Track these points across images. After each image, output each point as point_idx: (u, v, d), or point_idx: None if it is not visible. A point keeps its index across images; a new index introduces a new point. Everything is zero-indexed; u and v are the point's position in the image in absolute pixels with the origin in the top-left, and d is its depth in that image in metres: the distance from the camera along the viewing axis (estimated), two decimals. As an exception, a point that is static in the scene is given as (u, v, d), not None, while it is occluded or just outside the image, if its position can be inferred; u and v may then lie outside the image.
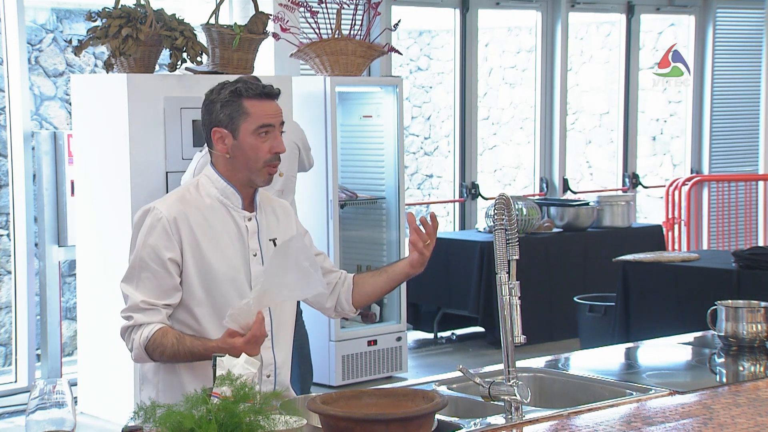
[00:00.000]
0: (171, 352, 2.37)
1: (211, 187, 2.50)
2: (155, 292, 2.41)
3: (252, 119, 2.45)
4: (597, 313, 5.95)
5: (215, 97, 2.49)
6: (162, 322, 2.40)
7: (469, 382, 2.44)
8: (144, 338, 2.38)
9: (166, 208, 2.44)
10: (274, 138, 2.48)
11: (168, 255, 2.41)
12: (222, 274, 2.44)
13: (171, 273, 2.42)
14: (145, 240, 2.43)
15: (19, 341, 5.45)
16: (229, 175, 2.49)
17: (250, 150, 2.46)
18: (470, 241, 6.62)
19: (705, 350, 3.05)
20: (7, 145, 5.52)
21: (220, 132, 2.47)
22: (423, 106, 10.32)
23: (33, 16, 6.69)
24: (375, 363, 5.83)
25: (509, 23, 9.89)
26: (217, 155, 2.50)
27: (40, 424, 1.93)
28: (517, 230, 2.37)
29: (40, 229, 5.55)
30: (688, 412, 2.35)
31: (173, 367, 2.47)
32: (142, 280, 2.42)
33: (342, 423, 1.98)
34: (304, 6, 5.53)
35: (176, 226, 2.42)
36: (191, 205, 2.46)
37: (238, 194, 2.50)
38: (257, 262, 2.48)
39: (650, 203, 9.41)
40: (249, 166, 2.47)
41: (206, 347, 2.33)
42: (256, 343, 2.27)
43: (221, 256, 2.45)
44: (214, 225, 2.46)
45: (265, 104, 2.48)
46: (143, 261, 2.42)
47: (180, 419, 1.89)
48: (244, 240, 2.49)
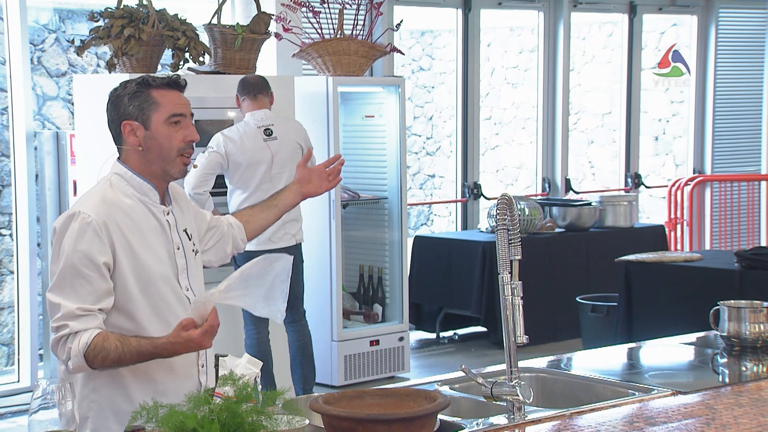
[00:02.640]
0: (115, 356, 2.27)
1: (126, 185, 2.43)
2: (90, 298, 2.31)
3: (163, 108, 2.43)
4: (599, 314, 5.94)
5: (121, 91, 2.48)
6: (99, 327, 2.30)
7: (472, 382, 2.44)
8: (83, 345, 2.27)
9: (93, 212, 2.35)
10: (186, 127, 2.45)
11: (102, 259, 2.32)
12: (155, 271, 2.40)
13: (105, 277, 2.33)
14: (74, 246, 2.32)
15: (21, 341, 5.46)
16: (142, 169, 2.44)
17: (163, 139, 2.42)
18: (472, 241, 6.62)
19: (707, 350, 3.04)
20: (10, 145, 5.52)
21: (130, 125, 2.44)
22: (425, 106, 10.32)
23: (35, 16, 6.70)
24: (377, 363, 5.83)
25: (511, 23, 9.89)
26: (128, 150, 2.46)
27: (43, 424, 1.93)
28: (519, 230, 2.37)
29: (43, 229, 5.55)
30: (691, 412, 2.35)
31: (111, 374, 2.36)
32: (74, 288, 2.31)
33: (344, 423, 1.98)
34: (306, 6, 5.53)
35: (107, 229, 2.34)
36: (115, 206, 2.40)
37: (154, 189, 2.45)
38: (181, 255, 2.46)
39: (653, 203, 9.40)
40: (163, 156, 2.42)
41: (155, 344, 2.27)
42: (212, 334, 2.24)
43: (152, 253, 2.41)
44: (139, 223, 2.42)
45: (173, 94, 2.46)
46: (75, 268, 2.31)
47: (182, 419, 1.89)
48: (167, 234, 2.45)
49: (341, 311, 5.71)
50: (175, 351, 2.28)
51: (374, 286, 6.09)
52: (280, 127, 4.97)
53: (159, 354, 2.29)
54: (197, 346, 2.26)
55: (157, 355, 2.30)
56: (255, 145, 4.86)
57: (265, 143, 4.89)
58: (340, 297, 5.68)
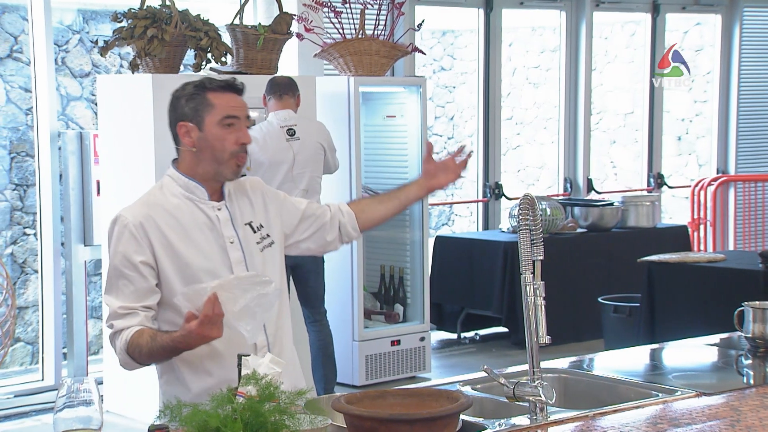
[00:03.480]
0: (147, 351, 2.35)
1: (174, 185, 2.50)
2: (132, 297, 2.41)
3: (216, 111, 2.46)
4: (622, 314, 5.92)
5: (180, 93, 2.52)
6: (140, 324, 2.38)
7: (494, 383, 2.44)
8: (124, 342, 2.38)
9: (131, 214, 2.44)
10: (239, 129, 2.47)
11: (139, 258, 2.40)
12: (199, 267, 2.43)
13: (145, 276, 2.41)
14: (115, 248, 2.43)
15: (45, 340, 5.50)
16: (194, 170, 2.48)
17: (216, 141, 2.45)
18: (494, 242, 6.60)
19: (731, 352, 3.02)
20: (34, 146, 5.56)
21: (185, 126, 2.48)
22: (446, 106, 10.31)
23: (60, 17, 6.75)
24: (398, 363, 5.83)
25: (533, 23, 9.85)
26: (184, 151, 2.50)
27: (68, 422, 1.95)
28: (541, 230, 2.36)
29: (67, 228, 5.59)
30: (715, 413, 2.33)
31: (173, 368, 2.46)
32: (119, 288, 2.42)
33: (367, 423, 1.98)
34: (327, 6, 5.54)
35: (143, 230, 2.42)
36: (157, 206, 2.46)
37: (202, 187, 2.49)
38: (236, 249, 2.48)
39: (675, 203, 9.34)
40: (215, 158, 2.46)
41: (172, 338, 2.32)
42: (210, 323, 2.22)
43: (195, 250, 2.44)
44: (183, 221, 2.46)
45: (229, 96, 2.49)
46: (117, 269, 2.42)
47: (206, 418, 1.90)
48: (218, 229, 2.48)
49: (362, 311, 5.72)
50: (188, 344, 2.30)
51: (395, 286, 6.09)
52: (303, 127, 4.98)
53: (178, 347, 2.33)
54: (200, 336, 2.25)
55: (177, 349, 2.33)
56: (277, 145, 4.87)
57: (288, 143, 4.90)
58: (361, 297, 5.69)
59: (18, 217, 6.52)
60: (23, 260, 6.53)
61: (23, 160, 6.51)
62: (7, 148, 6.47)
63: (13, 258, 6.48)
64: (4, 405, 5.28)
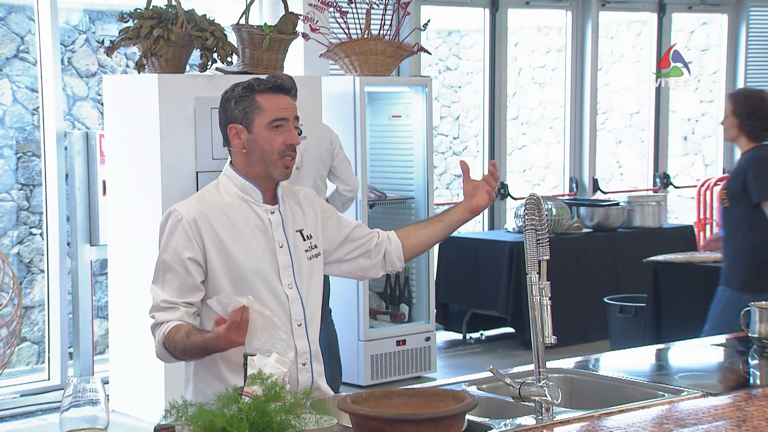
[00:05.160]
0: (181, 347, 2.41)
1: (230, 185, 2.54)
2: (176, 291, 2.46)
3: (265, 113, 2.49)
4: (627, 314, 5.91)
5: (229, 95, 2.54)
6: (180, 320, 2.44)
7: (500, 383, 2.44)
8: (161, 335, 2.44)
9: (185, 210, 2.49)
10: (288, 131, 2.51)
11: (188, 255, 2.45)
12: (247, 267, 2.48)
13: (191, 272, 2.46)
14: (167, 242, 2.48)
15: (51, 339, 5.51)
16: (246, 170, 2.53)
17: (264, 143, 2.49)
18: (499, 242, 6.60)
19: (738, 352, 3.02)
20: (41, 145, 5.58)
21: (235, 128, 2.51)
22: (452, 106, 10.30)
23: (66, 17, 6.76)
24: (404, 363, 5.83)
25: (539, 23, 9.85)
26: (235, 152, 2.54)
27: (74, 422, 1.95)
28: (547, 230, 2.36)
29: (73, 228, 5.60)
30: (722, 414, 2.33)
31: (211, 366, 2.49)
32: (166, 281, 2.47)
33: (373, 423, 1.98)
34: (333, 6, 5.54)
35: (196, 227, 2.46)
36: (211, 204, 2.51)
37: (257, 189, 2.53)
38: (284, 253, 2.52)
39: (681, 203, 9.33)
40: (264, 159, 2.50)
41: (204, 339, 2.37)
42: (237, 328, 2.26)
43: (245, 250, 2.49)
44: (236, 221, 2.50)
45: (278, 98, 2.52)
46: (166, 262, 2.47)
47: (212, 418, 1.90)
48: (269, 232, 2.52)
49: (368, 311, 5.72)
50: (217, 346, 2.34)
51: (401, 286, 6.09)
52: (309, 127, 4.98)
53: (208, 348, 2.37)
54: (227, 341, 2.29)
55: (208, 350, 2.38)
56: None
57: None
58: (366, 297, 5.69)
59: (24, 217, 6.53)
60: (29, 260, 6.54)
61: (29, 160, 6.53)
62: (13, 148, 6.48)
63: (20, 258, 6.50)
64: (10, 404, 5.29)
